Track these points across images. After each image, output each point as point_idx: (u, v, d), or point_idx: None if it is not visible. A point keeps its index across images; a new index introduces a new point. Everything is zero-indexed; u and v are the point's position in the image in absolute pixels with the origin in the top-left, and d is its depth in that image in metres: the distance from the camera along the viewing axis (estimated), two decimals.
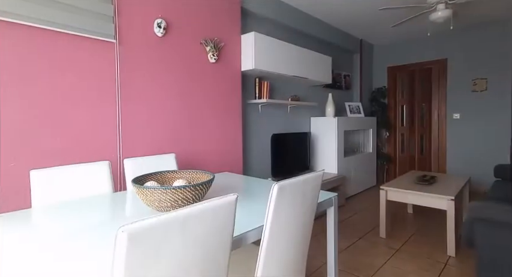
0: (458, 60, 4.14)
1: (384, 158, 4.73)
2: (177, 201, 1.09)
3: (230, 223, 0.80)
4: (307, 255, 1.23)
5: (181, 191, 1.08)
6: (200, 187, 1.13)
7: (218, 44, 2.54)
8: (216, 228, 0.75)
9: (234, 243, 0.94)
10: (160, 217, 0.60)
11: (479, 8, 3.46)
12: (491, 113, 3.87)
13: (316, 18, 3.76)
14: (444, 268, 1.96)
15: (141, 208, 1.25)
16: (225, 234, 0.79)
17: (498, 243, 1.52)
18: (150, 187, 1.04)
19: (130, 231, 0.55)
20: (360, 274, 1.91)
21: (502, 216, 1.49)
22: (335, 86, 4.37)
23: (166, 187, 1.04)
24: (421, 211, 3.17)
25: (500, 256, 1.52)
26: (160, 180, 1.37)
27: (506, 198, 2.32)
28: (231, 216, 0.80)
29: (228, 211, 0.79)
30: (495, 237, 1.53)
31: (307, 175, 1.12)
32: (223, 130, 2.62)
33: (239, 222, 1.08)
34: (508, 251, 1.50)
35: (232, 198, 0.79)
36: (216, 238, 0.76)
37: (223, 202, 0.76)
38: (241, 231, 0.99)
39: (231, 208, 0.80)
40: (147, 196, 1.06)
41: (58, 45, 1.66)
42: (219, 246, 0.78)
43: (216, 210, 0.74)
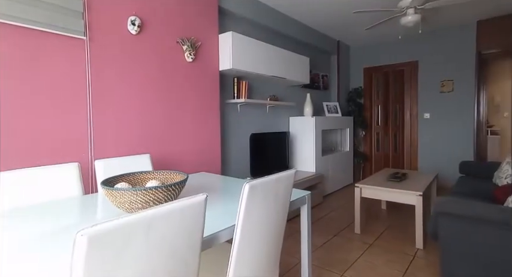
0: (428, 62, 4.35)
1: (360, 157, 4.89)
2: (149, 202, 1.07)
3: (199, 223, 0.80)
4: (280, 253, 1.26)
5: (153, 192, 1.06)
6: (173, 188, 1.12)
7: (195, 43, 2.51)
8: (185, 229, 0.75)
9: (204, 243, 0.95)
10: (123, 219, 0.60)
11: (445, 13, 3.65)
12: (457, 112, 4.11)
13: (294, 19, 3.81)
14: (412, 260, 2.07)
15: (112, 211, 1.22)
16: (194, 235, 0.79)
17: (459, 236, 1.62)
18: (120, 189, 1.02)
19: (90, 235, 0.54)
20: (334, 269, 1.97)
21: (462, 210, 1.59)
22: (313, 86, 4.46)
23: (137, 189, 1.03)
24: (394, 207, 3.31)
25: (460, 247, 1.62)
26: (133, 182, 1.35)
27: (469, 193, 2.48)
28: (200, 216, 0.80)
29: (197, 212, 0.79)
30: (456, 229, 1.63)
31: (279, 174, 1.14)
32: (200, 130, 2.60)
33: (213, 222, 1.08)
34: (467, 243, 1.61)
35: (201, 198, 0.80)
36: (184, 239, 0.76)
37: (191, 203, 0.76)
38: (213, 231, 1.00)
39: (200, 208, 0.80)
40: (116, 198, 1.04)
41: (23, 42, 1.58)
42: (187, 246, 0.78)
43: (184, 211, 0.74)
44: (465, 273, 1.62)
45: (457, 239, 1.63)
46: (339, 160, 4.26)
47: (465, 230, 1.61)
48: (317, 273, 1.93)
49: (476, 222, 1.58)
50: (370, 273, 1.91)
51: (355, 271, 1.94)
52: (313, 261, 2.10)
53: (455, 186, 2.69)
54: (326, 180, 3.90)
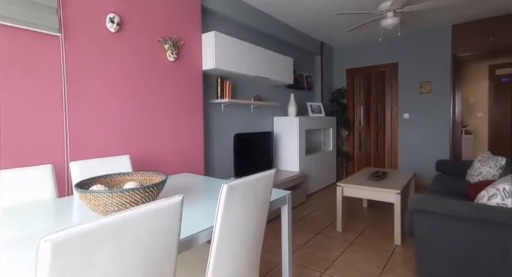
0: (407, 64, 4.49)
1: (343, 156, 4.98)
2: (125, 204, 1.05)
3: (176, 225, 0.79)
4: (260, 253, 1.26)
5: (130, 194, 1.04)
6: (150, 190, 1.10)
7: (177, 43, 2.48)
8: (160, 231, 0.74)
9: (182, 244, 0.94)
10: (92, 224, 0.58)
11: (422, 17, 3.78)
12: (434, 113, 4.26)
13: (278, 20, 3.83)
14: (391, 257, 2.13)
15: (86, 214, 1.18)
16: (170, 237, 0.78)
17: (433, 232, 1.69)
18: (94, 191, 0.99)
19: (55, 241, 0.52)
20: (316, 268, 2.00)
21: (435, 207, 1.66)
22: (297, 86, 4.50)
23: (113, 191, 1.00)
24: (375, 205, 3.39)
25: (434, 243, 1.69)
26: (110, 183, 1.31)
27: (444, 191, 2.58)
28: (176, 218, 0.79)
29: (172, 213, 0.78)
30: (430, 226, 1.69)
31: (258, 174, 1.14)
32: (183, 130, 2.57)
33: (193, 223, 1.07)
34: (441, 238, 1.67)
35: (177, 199, 0.79)
36: (159, 241, 0.74)
37: (167, 204, 0.75)
38: (192, 232, 0.99)
39: (176, 210, 0.79)
40: (91, 201, 1.01)
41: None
42: (163, 249, 0.76)
43: (158, 213, 0.73)
44: (439, 268, 1.69)
45: (431, 235, 1.69)
46: (323, 160, 4.32)
47: (438, 226, 1.67)
48: (299, 272, 1.95)
49: (448, 218, 1.64)
50: (351, 270, 1.95)
51: (336, 268, 1.98)
52: (295, 259, 2.12)
53: (431, 184, 2.79)
54: (310, 179, 3.95)
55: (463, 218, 1.59)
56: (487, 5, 3.43)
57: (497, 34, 3.76)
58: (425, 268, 1.73)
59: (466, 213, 1.57)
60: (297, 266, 2.03)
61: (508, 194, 1.62)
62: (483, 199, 1.75)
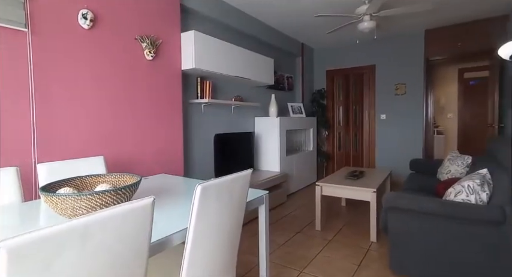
0: (384, 66, 4.65)
1: (324, 156, 5.08)
2: (95, 207, 1.01)
3: (146, 228, 0.78)
4: (237, 253, 1.26)
5: (100, 197, 1.00)
6: (123, 192, 1.07)
7: (155, 41, 2.43)
8: (128, 235, 0.72)
9: (155, 247, 0.92)
10: (53, 229, 0.56)
11: (397, 22, 3.93)
12: (409, 114, 4.44)
13: (259, 21, 3.85)
14: (367, 253, 2.19)
15: (54, 219, 1.13)
16: (139, 240, 0.76)
17: (404, 228, 1.76)
18: (61, 195, 0.95)
19: (11, 247, 0.50)
20: (295, 266, 2.02)
21: (407, 204, 1.73)
22: (278, 87, 4.54)
23: (82, 194, 0.96)
24: (353, 204, 3.48)
25: (406, 238, 1.76)
26: (80, 186, 1.26)
27: (417, 188, 2.69)
28: (146, 220, 0.77)
29: (142, 216, 0.76)
30: (402, 222, 1.76)
31: (234, 174, 1.14)
32: (162, 130, 2.52)
33: (168, 224, 1.05)
34: (411, 233, 1.74)
35: (147, 201, 0.77)
36: (127, 245, 0.73)
37: (136, 207, 0.73)
38: (166, 234, 0.97)
39: (146, 212, 0.77)
40: (57, 204, 0.96)
41: None
42: (132, 252, 0.74)
43: (126, 216, 0.71)
44: (411, 262, 1.76)
45: (403, 231, 1.76)
46: (303, 160, 4.38)
47: (409, 222, 1.74)
48: (278, 271, 1.96)
49: (418, 214, 1.72)
50: (328, 268, 1.99)
51: (314, 267, 2.01)
52: (275, 259, 2.13)
53: (405, 182, 2.90)
54: (290, 179, 3.99)
55: (432, 214, 1.67)
56: (456, 12, 3.62)
57: (465, 39, 3.97)
58: (398, 263, 1.80)
59: (435, 209, 1.65)
60: (276, 265, 2.04)
61: (471, 191, 1.72)
62: (450, 196, 1.85)
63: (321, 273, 1.92)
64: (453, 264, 1.62)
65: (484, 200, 1.71)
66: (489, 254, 1.52)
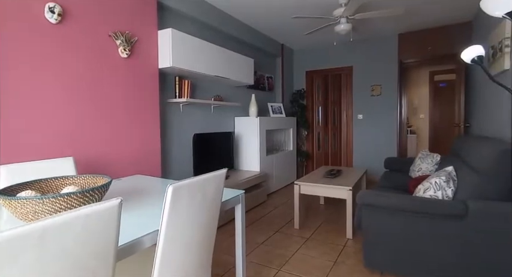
0: (361, 68, 4.79)
1: (303, 155, 5.15)
2: (60, 211, 0.97)
3: (112, 231, 0.75)
4: (212, 254, 1.25)
5: (65, 200, 0.96)
6: (91, 194, 1.03)
7: (131, 38, 2.36)
8: (92, 238, 0.70)
9: (124, 250, 0.89)
10: (6, 234, 0.52)
11: (372, 25, 4.07)
12: (384, 114, 4.61)
13: (239, 21, 3.84)
14: (343, 250, 2.25)
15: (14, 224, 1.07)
16: (105, 244, 0.74)
17: (377, 223, 1.82)
18: (21, 198, 0.90)
19: None
20: (272, 265, 2.04)
21: (379, 201, 1.79)
22: (258, 87, 4.55)
23: (44, 197, 0.92)
24: (331, 202, 3.56)
25: (378, 234, 1.82)
26: (45, 189, 1.20)
27: (390, 186, 2.80)
28: (112, 223, 0.75)
29: (107, 218, 0.73)
30: (375, 218, 1.82)
31: (208, 174, 1.13)
32: (138, 130, 2.45)
33: (138, 226, 1.03)
34: (383, 229, 1.81)
35: (113, 203, 0.74)
36: (91, 249, 0.70)
37: (100, 209, 0.71)
38: (136, 236, 0.95)
39: (112, 214, 0.75)
40: (17, 209, 0.91)
41: None
42: (97, 257, 0.72)
43: (89, 219, 0.68)
44: (383, 257, 1.82)
45: (375, 227, 1.82)
46: (283, 159, 4.42)
47: (381, 218, 1.81)
48: (256, 270, 1.97)
49: (390, 211, 1.78)
50: (305, 266, 2.02)
51: (292, 265, 2.04)
52: (253, 258, 2.14)
53: (380, 180, 3.01)
54: (270, 178, 4.02)
55: (402, 210, 1.74)
56: (425, 18, 3.80)
57: (434, 44, 4.18)
58: (371, 258, 1.86)
59: (404, 205, 1.72)
60: (254, 265, 2.05)
61: (438, 187, 1.81)
62: (420, 192, 1.93)
63: (297, 271, 1.95)
64: (422, 257, 1.70)
65: (449, 196, 1.80)
66: (453, 246, 1.61)
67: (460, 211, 1.59)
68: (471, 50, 1.63)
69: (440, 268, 1.65)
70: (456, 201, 1.64)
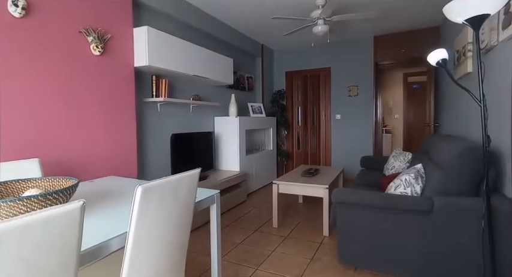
0: (338, 69, 4.91)
1: (283, 155, 5.21)
2: None
3: (74, 235, 0.72)
4: (185, 255, 1.24)
5: (25, 203, 0.91)
6: (54, 196, 0.99)
7: (104, 35, 2.28)
8: (51, 243, 0.67)
9: (87, 255, 0.86)
10: None
11: (349, 27, 4.18)
12: (361, 114, 4.75)
13: (219, 20, 3.82)
14: (319, 247, 2.30)
15: None
16: (65, 249, 0.71)
17: (351, 220, 1.87)
18: None
19: None
20: (250, 264, 2.05)
21: (352, 198, 1.84)
22: (238, 87, 4.55)
23: (1, 200, 0.87)
24: (309, 201, 3.62)
25: (352, 230, 1.88)
26: (4, 192, 1.14)
27: (365, 183, 2.89)
28: (74, 226, 0.72)
29: (68, 222, 0.71)
30: (349, 215, 1.88)
31: (180, 174, 1.12)
32: (112, 130, 2.37)
33: (105, 230, 0.99)
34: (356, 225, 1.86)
35: (74, 206, 0.72)
36: (50, 254, 0.67)
37: (59, 212, 0.68)
38: (101, 240, 0.92)
39: (74, 217, 0.72)
40: None
41: None
42: (57, 263, 0.69)
43: (48, 223, 0.65)
44: (356, 253, 1.88)
45: (349, 224, 1.88)
46: (263, 159, 4.45)
47: (354, 215, 1.86)
48: (234, 270, 1.97)
49: (362, 207, 1.84)
50: (282, 264, 2.05)
51: (269, 263, 2.06)
52: (231, 258, 2.14)
53: (356, 178, 3.10)
54: (250, 178, 4.02)
55: (374, 207, 1.81)
56: (398, 22, 3.96)
57: (407, 46, 4.36)
58: (345, 254, 1.92)
59: (376, 202, 1.78)
60: (232, 264, 2.04)
61: (408, 184, 1.89)
62: (391, 189, 2.01)
63: (275, 269, 1.97)
64: (392, 251, 1.77)
65: (418, 192, 1.89)
66: (421, 240, 1.69)
67: (426, 207, 1.67)
68: (436, 53, 1.71)
69: (409, 261, 1.73)
70: (423, 197, 1.72)
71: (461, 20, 1.43)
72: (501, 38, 1.67)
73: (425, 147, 2.66)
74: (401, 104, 6.48)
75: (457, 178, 1.73)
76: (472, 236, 1.57)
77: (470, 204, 1.58)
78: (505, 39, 1.65)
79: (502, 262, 1.52)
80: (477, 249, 1.56)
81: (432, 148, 2.27)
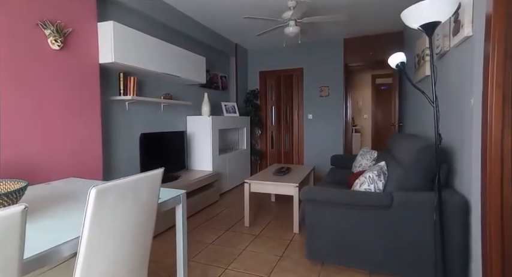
0: (311, 69, 5.02)
1: (257, 154, 5.24)
2: None
3: (15, 241, 0.68)
4: (148, 259, 1.20)
5: None
6: None
7: (63, 29, 2.15)
8: None
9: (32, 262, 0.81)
10: None
11: (320, 29, 4.29)
12: (331, 114, 4.90)
13: (191, 18, 3.75)
14: (289, 244, 2.34)
15: None
16: (5, 256, 0.66)
17: (317, 217, 1.93)
18: None
19: None
20: (220, 264, 2.04)
21: (319, 196, 1.90)
22: (212, 86, 4.51)
23: None
24: (281, 199, 3.67)
25: (319, 227, 1.93)
26: None
27: (334, 181, 2.98)
28: (14, 232, 0.67)
29: (8, 228, 0.66)
30: (315, 212, 1.93)
31: (140, 175, 1.09)
32: (76, 129, 2.25)
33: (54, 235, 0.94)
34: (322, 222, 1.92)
35: (14, 210, 0.67)
36: None
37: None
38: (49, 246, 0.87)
39: (15, 223, 0.67)
40: None
41: None
42: None
43: None
44: (323, 248, 1.93)
45: (316, 221, 1.93)
46: (237, 158, 4.44)
47: (322, 212, 1.92)
48: (202, 270, 1.95)
49: (329, 204, 1.90)
50: (252, 262, 2.06)
51: (239, 262, 2.06)
52: (201, 259, 2.11)
53: (326, 176, 3.19)
54: (223, 178, 4.00)
55: (339, 203, 1.87)
56: (365, 26, 4.13)
57: (375, 49, 4.56)
58: (313, 250, 1.97)
59: (341, 199, 1.85)
60: (201, 265, 2.02)
61: (371, 181, 1.98)
62: (357, 186, 2.09)
63: (244, 268, 1.98)
64: (356, 246, 1.84)
65: (380, 188, 1.98)
66: (382, 234, 1.77)
67: (387, 202, 1.75)
68: (395, 56, 1.80)
69: (371, 254, 1.81)
70: (384, 193, 1.81)
71: (416, 25, 1.52)
72: (452, 43, 1.80)
73: (389, 145, 2.80)
74: (370, 104, 6.77)
75: (414, 174, 1.84)
76: (426, 228, 1.68)
77: (425, 198, 1.69)
78: (455, 45, 1.77)
79: (452, 250, 1.63)
80: (431, 240, 1.66)
81: (394, 147, 2.40)
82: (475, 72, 1.51)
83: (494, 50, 1.25)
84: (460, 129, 1.73)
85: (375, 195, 1.81)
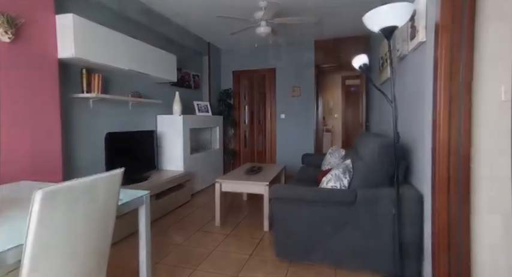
0: (283, 70, 5.10)
1: (230, 153, 5.22)
2: None
3: None
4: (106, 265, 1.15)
5: None
6: None
7: (15, 20, 1.99)
8: None
9: None
10: None
11: (291, 30, 4.37)
12: (303, 113, 5.00)
13: (160, 14, 3.64)
14: (259, 243, 2.36)
15: None
16: None
17: (285, 215, 1.96)
18: None
19: None
20: (189, 265, 2.00)
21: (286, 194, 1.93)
22: (183, 84, 4.42)
23: None
24: (253, 198, 3.68)
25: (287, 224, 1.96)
26: None
27: (304, 179, 3.05)
28: None
29: None
30: (283, 210, 1.96)
31: (96, 175, 1.04)
32: (31, 128, 2.10)
33: None
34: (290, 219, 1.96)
35: None
36: None
37: None
38: None
39: None
40: None
41: None
42: None
43: None
44: (291, 246, 1.97)
45: (284, 218, 1.96)
46: (209, 158, 4.39)
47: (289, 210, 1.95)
48: (171, 273, 1.91)
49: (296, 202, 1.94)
50: (222, 262, 2.05)
51: (209, 262, 2.04)
52: (169, 260, 2.07)
53: (296, 175, 3.25)
54: (195, 178, 3.94)
55: (306, 201, 1.92)
56: (334, 29, 4.26)
57: (343, 51, 4.72)
58: (282, 248, 2.00)
59: (308, 196, 1.90)
60: (170, 267, 1.98)
61: (337, 178, 2.05)
62: (324, 183, 2.15)
63: (214, 268, 1.96)
64: (322, 242, 1.90)
65: (345, 185, 2.06)
66: (347, 229, 1.84)
67: (351, 198, 1.83)
68: (358, 58, 1.89)
69: (337, 250, 1.87)
70: (348, 190, 1.88)
71: (377, 29, 1.60)
72: (410, 47, 1.91)
73: (355, 144, 2.91)
74: (340, 104, 7.01)
75: (377, 171, 1.93)
76: (386, 221, 1.77)
77: (385, 193, 1.78)
78: (412, 49, 1.89)
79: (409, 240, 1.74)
80: (391, 233, 1.76)
81: (360, 146, 2.50)
82: (426, 75, 1.61)
83: (442, 56, 1.35)
84: (417, 128, 1.85)
85: (340, 192, 1.88)
